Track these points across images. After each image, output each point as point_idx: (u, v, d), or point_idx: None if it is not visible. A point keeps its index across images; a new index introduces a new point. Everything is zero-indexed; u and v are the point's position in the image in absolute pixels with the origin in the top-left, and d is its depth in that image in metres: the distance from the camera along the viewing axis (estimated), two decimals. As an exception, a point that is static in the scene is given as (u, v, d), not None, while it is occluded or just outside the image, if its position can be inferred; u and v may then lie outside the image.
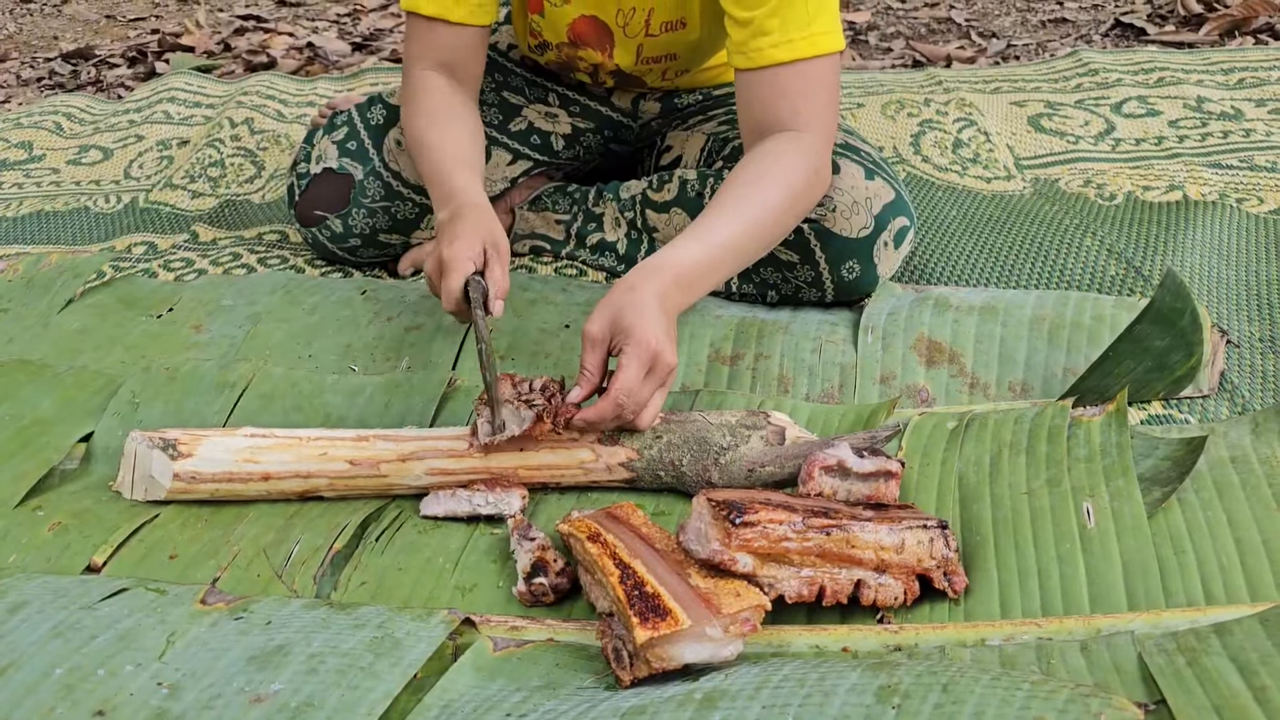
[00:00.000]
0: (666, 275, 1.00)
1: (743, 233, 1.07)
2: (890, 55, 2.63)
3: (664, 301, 0.98)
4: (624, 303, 0.97)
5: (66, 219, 1.75)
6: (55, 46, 3.05)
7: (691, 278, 1.03)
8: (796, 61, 1.11)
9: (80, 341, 1.29)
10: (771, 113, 1.13)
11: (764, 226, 1.09)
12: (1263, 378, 1.14)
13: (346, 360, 1.23)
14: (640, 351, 0.95)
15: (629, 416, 0.97)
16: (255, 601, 0.83)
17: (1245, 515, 0.87)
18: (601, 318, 0.98)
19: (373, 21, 3.18)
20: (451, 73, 1.25)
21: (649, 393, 0.98)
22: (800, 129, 1.12)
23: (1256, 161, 1.70)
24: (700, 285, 1.05)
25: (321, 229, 1.43)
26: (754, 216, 1.08)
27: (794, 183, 1.10)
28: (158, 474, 0.97)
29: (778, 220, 1.11)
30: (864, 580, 0.82)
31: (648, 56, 1.33)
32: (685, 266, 1.02)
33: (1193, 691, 0.68)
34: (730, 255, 1.07)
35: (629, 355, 0.95)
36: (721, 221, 1.07)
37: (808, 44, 1.10)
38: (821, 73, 1.12)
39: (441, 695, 0.74)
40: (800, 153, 1.11)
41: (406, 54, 1.27)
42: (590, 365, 0.98)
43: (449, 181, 1.14)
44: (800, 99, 1.12)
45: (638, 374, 0.95)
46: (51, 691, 0.72)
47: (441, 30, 1.23)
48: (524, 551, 0.88)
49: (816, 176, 1.13)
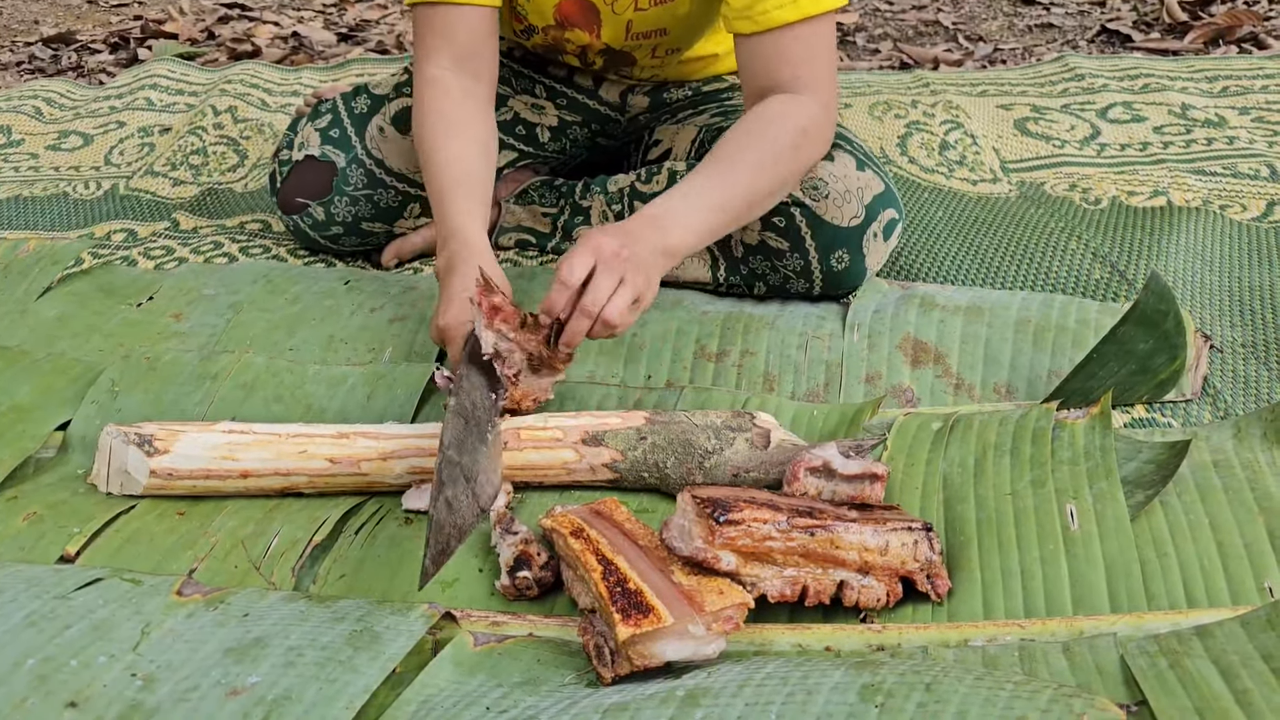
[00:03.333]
0: (635, 215, 1.06)
1: (737, 170, 1.11)
2: (878, 57, 2.63)
3: (629, 225, 1.03)
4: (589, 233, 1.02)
5: (45, 205, 1.73)
6: (36, 31, 3.02)
7: (666, 222, 1.05)
8: (803, 21, 1.12)
9: (58, 329, 1.27)
10: (777, 74, 1.15)
11: (767, 161, 1.12)
12: (1245, 383, 1.15)
13: (329, 351, 1.22)
14: (586, 242, 0.99)
15: (593, 308, 0.98)
16: (232, 593, 0.82)
17: (1227, 519, 0.87)
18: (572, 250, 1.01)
19: (359, 12, 3.15)
20: (464, 68, 1.21)
21: (607, 285, 0.98)
22: (801, 91, 1.15)
23: (1240, 169, 1.71)
24: (681, 220, 1.07)
25: (304, 217, 1.42)
26: (756, 151, 1.11)
27: (796, 121, 1.13)
28: (134, 470, 0.96)
29: (780, 157, 1.13)
30: (847, 581, 0.82)
31: (637, 32, 1.32)
32: (659, 209, 1.06)
33: (1175, 693, 0.68)
34: (725, 191, 1.10)
35: (576, 248, 0.99)
36: (704, 178, 1.10)
37: (811, 3, 1.12)
38: (823, 33, 1.15)
39: (421, 690, 0.74)
40: (800, 103, 1.14)
41: (416, 52, 1.23)
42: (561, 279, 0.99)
43: (446, 217, 1.13)
44: (802, 64, 1.14)
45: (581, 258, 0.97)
46: (24, 682, 0.71)
47: (450, 14, 1.19)
48: (506, 546, 0.87)
49: (805, 136, 1.15)
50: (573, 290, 0.98)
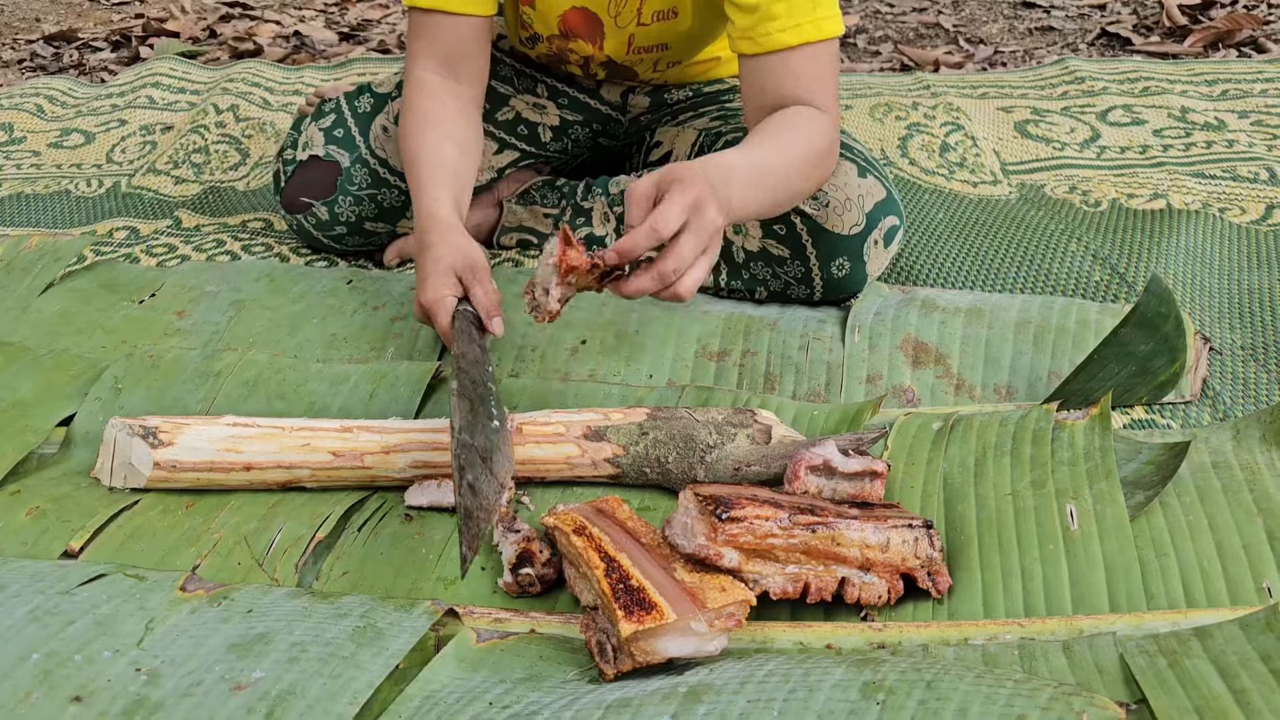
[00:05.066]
0: (712, 160, 0.99)
1: (778, 158, 1.07)
2: (879, 59, 2.63)
3: (712, 173, 0.96)
4: (672, 166, 0.96)
5: (47, 202, 1.74)
6: (37, 28, 3.02)
7: (735, 177, 1.00)
8: (804, 45, 1.12)
9: (60, 325, 1.27)
10: (783, 98, 1.14)
11: (796, 160, 1.09)
12: (1244, 385, 1.15)
13: (331, 349, 1.23)
14: (687, 190, 0.91)
15: (671, 277, 0.92)
16: (236, 589, 0.82)
17: (1226, 520, 0.88)
18: (649, 178, 0.95)
19: (360, 12, 3.16)
20: (452, 70, 1.23)
21: (691, 252, 0.92)
22: None
23: (1239, 172, 1.72)
24: (740, 189, 1.00)
25: (307, 216, 1.42)
26: (788, 150, 1.08)
27: (814, 139, 1.12)
28: (138, 462, 0.96)
29: (805, 166, 1.11)
30: (848, 578, 0.82)
31: (639, 46, 1.33)
32: (730, 162, 1.01)
33: (1174, 692, 0.69)
34: (769, 175, 1.05)
35: (674, 192, 0.90)
36: (759, 147, 1.07)
37: (814, 28, 1.12)
38: (827, 57, 1.15)
39: (424, 686, 0.74)
40: (821, 120, 1.13)
41: (408, 53, 1.26)
42: (636, 220, 0.93)
43: (421, 204, 1.14)
44: (811, 82, 1.14)
45: (679, 211, 0.90)
46: (28, 676, 0.71)
47: (441, 22, 1.22)
48: (509, 543, 0.88)
49: (832, 145, 1.15)
50: (659, 240, 0.91)
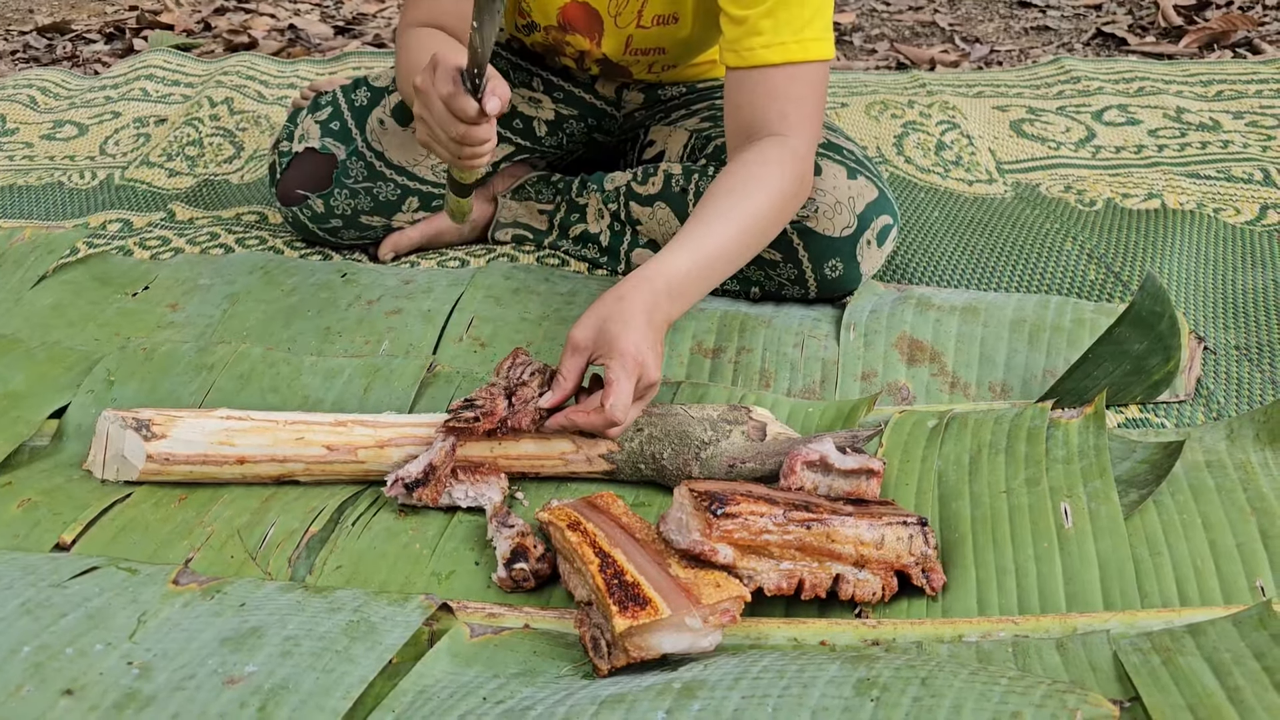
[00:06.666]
0: (658, 285, 0.99)
1: (733, 240, 1.06)
2: (875, 57, 2.63)
3: (653, 314, 0.98)
4: (611, 313, 0.96)
5: (40, 194, 1.73)
6: (31, 20, 3.00)
7: (683, 287, 1.02)
8: (786, 64, 1.11)
9: (53, 318, 1.27)
10: (760, 115, 1.12)
11: (753, 234, 1.09)
12: (1238, 384, 1.15)
13: (326, 343, 1.22)
14: (627, 364, 0.94)
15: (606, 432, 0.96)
16: (229, 583, 0.82)
17: (1220, 519, 0.88)
18: (588, 325, 0.97)
19: (355, 6, 3.15)
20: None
21: (632, 415, 0.97)
22: (786, 133, 1.12)
23: (1234, 172, 1.72)
24: (691, 294, 1.04)
25: (303, 209, 1.41)
26: (743, 224, 1.07)
27: (782, 190, 1.10)
28: (130, 454, 0.95)
29: (766, 228, 1.11)
30: (843, 575, 0.82)
31: (636, 48, 1.33)
32: (677, 276, 1.01)
33: (1167, 690, 0.69)
34: (721, 263, 1.06)
35: (617, 371, 0.93)
36: (711, 229, 1.06)
37: (799, 48, 1.10)
38: (811, 78, 1.13)
39: (417, 680, 0.74)
40: (786, 160, 1.11)
41: (400, 21, 1.24)
42: (568, 371, 0.98)
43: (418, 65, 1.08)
44: (789, 103, 1.12)
45: (629, 389, 0.93)
46: (19, 669, 0.71)
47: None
48: (503, 538, 0.87)
49: (801, 183, 1.13)
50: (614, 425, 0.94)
